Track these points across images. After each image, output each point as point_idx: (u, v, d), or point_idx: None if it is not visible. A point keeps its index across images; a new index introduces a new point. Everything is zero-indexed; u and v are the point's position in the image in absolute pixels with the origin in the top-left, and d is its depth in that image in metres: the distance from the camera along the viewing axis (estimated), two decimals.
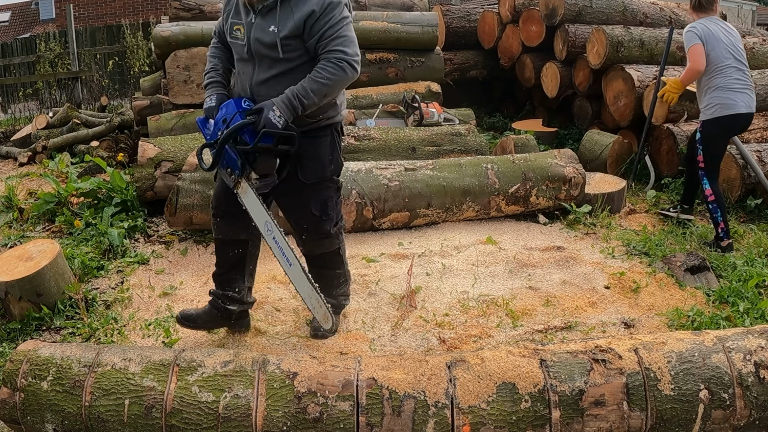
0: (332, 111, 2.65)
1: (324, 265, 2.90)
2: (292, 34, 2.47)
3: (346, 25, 2.48)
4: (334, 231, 2.80)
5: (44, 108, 10.01)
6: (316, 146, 2.64)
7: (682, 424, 2.08)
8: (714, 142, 4.07)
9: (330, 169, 2.70)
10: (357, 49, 2.50)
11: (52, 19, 21.52)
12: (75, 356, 2.18)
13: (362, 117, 5.62)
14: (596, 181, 4.85)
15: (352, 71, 2.48)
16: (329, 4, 2.44)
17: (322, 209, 2.72)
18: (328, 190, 2.73)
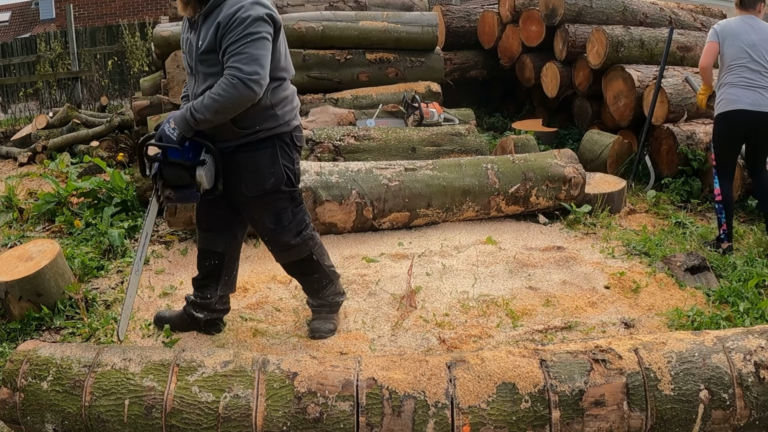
0: (271, 122, 2.56)
1: (299, 272, 2.88)
2: (208, 49, 2.45)
3: (251, 42, 2.36)
4: (296, 242, 2.74)
5: (44, 108, 10.01)
6: (255, 159, 2.58)
7: (682, 424, 2.08)
8: (722, 140, 4.05)
9: (270, 182, 2.60)
10: (258, 68, 2.37)
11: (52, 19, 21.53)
12: (75, 356, 2.18)
13: (362, 117, 5.62)
14: (596, 181, 4.85)
15: (247, 90, 2.36)
16: (234, 20, 2.37)
17: (276, 222, 2.67)
18: (278, 202, 2.66)
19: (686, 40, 6.48)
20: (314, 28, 5.97)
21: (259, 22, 2.38)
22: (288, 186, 2.67)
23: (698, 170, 5.22)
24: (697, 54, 6.52)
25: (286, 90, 2.63)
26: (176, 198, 2.57)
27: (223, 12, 2.40)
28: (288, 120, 2.62)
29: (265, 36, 2.40)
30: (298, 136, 2.70)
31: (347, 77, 6.09)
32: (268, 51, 2.42)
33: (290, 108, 2.64)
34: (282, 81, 2.58)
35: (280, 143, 2.61)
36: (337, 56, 6.07)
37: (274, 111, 2.55)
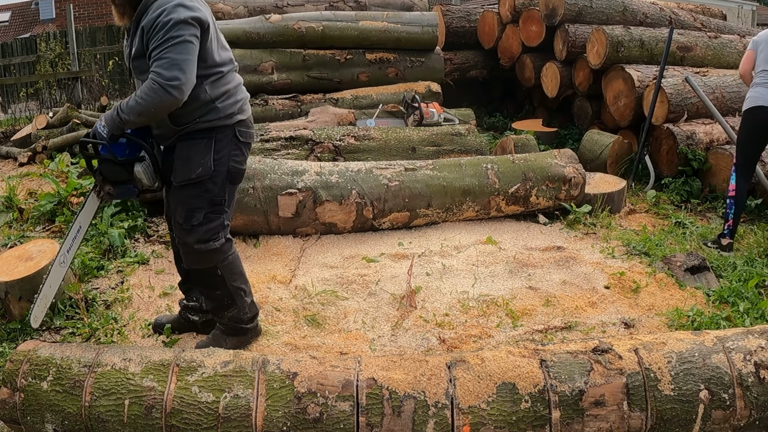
0: (211, 114, 2.52)
1: (200, 282, 2.76)
2: (136, 54, 2.45)
3: (173, 46, 2.32)
4: (199, 248, 2.60)
5: (44, 108, 10.00)
6: (188, 148, 2.55)
7: (682, 424, 2.08)
8: (744, 136, 4.08)
9: (197, 172, 2.53)
10: (179, 73, 2.32)
11: (52, 19, 21.53)
12: (75, 356, 2.18)
13: (362, 117, 5.62)
14: (596, 181, 4.85)
15: (167, 95, 2.32)
16: (156, 24, 2.34)
17: (186, 218, 2.58)
18: (196, 199, 2.57)
19: (686, 40, 6.49)
20: (314, 28, 5.97)
21: (181, 25, 2.33)
22: (215, 184, 2.57)
23: (698, 170, 5.23)
24: (697, 54, 6.53)
25: (228, 83, 2.57)
26: (116, 193, 2.60)
27: (147, 16, 2.38)
28: (230, 113, 2.56)
29: (188, 39, 2.35)
30: (242, 132, 2.62)
31: (347, 77, 6.10)
32: (192, 54, 2.37)
33: (233, 101, 2.58)
34: (220, 75, 2.53)
35: (219, 136, 2.55)
36: (337, 56, 6.07)
37: (214, 104, 2.52)
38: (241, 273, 2.77)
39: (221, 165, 2.57)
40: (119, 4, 2.48)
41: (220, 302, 2.75)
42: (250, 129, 2.68)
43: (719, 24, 7.74)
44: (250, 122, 2.68)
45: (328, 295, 3.37)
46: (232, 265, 2.72)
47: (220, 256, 2.66)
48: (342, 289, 3.44)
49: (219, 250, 2.64)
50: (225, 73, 2.56)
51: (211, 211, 2.60)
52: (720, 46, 6.68)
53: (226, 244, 2.68)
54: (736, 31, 7.59)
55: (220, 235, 2.65)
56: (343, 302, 3.31)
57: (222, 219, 2.64)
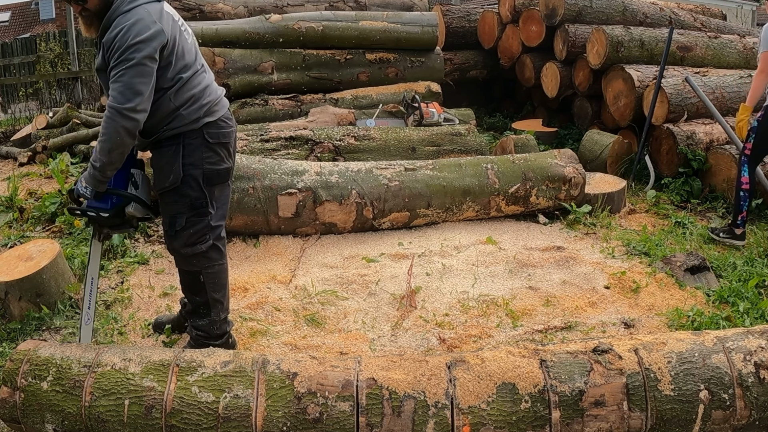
0: (176, 122, 2.50)
1: (185, 284, 2.76)
2: (99, 68, 2.43)
3: (127, 69, 2.28)
4: (185, 252, 2.61)
5: (44, 108, 10.00)
6: (159, 156, 2.56)
7: (682, 424, 2.08)
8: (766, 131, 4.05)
9: (170, 179, 2.52)
10: (134, 96, 2.30)
11: (52, 19, 21.54)
12: (75, 356, 2.18)
13: (362, 117, 5.62)
14: (596, 181, 4.85)
15: (125, 121, 2.30)
16: (114, 44, 2.30)
17: (170, 224, 2.60)
18: (176, 205, 2.57)
19: (686, 40, 6.49)
20: (314, 28, 5.97)
21: (136, 46, 2.29)
22: (191, 188, 2.55)
23: (698, 170, 5.23)
24: (697, 54, 6.53)
25: (193, 89, 2.53)
26: (115, 233, 2.65)
27: (108, 34, 2.35)
28: (196, 118, 2.52)
29: (142, 62, 2.30)
30: (212, 133, 2.57)
31: (347, 77, 6.10)
32: (146, 76, 2.33)
33: (198, 106, 2.53)
34: (183, 82, 2.49)
35: (187, 141, 2.53)
36: (337, 56, 6.07)
37: (179, 112, 2.50)
38: (224, 286, 2.74)
39: (194, 169, 2.54)
40: (86, 16, 2.45)
41: (196, 308, 2.74)
42: (223, 129, 2.62)
43: (719, 24, 7.74)
44: (222, 121, 2.62)
45: (328, 295, 3.37)
46: (217, 275, 2.70)
47: (205, 262, 2.64)
48: (342, 289, 3.44)
49: (205, 254, 2.63)
50: (187, 79, 2.52)
51: (193, 214, 2.58)
52: (720, 46, 6.68)
53: (213, 251, 2.65)
54: (736, 31, 7.59)
55: (207, 237, 2.62)
56: (343, 302, 3.31)
57: (206, 221, 2.61)
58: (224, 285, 2.75)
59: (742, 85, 5.73)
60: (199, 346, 2.71)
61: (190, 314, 2.78)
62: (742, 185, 4.12)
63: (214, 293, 2.70)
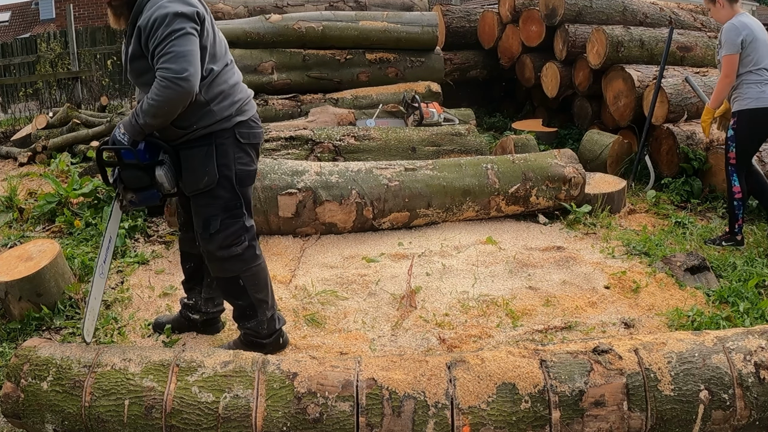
0: (207, 119, 2.45)
1: (224, 290, 2.74)
2: (134, 55, 2.40)
3: (176, 39, 2.28)
4: (221, 254, 2.57)
5: (44, 108, 10.00)
6: (191, 158, 2.50)
7: (682, 424, 2.08)
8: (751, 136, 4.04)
9: (204, 181, 2.49)
10: (186, 65, 2.28)
11: (52, 19, 21.54)
12: (75, 356, 2.18)
13: (362, 117, 5.62)
14: (596, 181, 4.85)
15: (179, 88, 2.28)
16: (154, 21, 2.29)
17: (204, 227, 2.56)
18: (209, 207, 2.53)
19: (686, 40, 6.49)
20: (314, 28, 5.97)
21: (180, 18, 2.29)
22: (225, 189, 2.52)
23: (698, 170, 5.23)
24: (697, 54, 6.53)
25: (223, 83, 2.50)
26: (138, 201, 2.54)
27: (143, 15, 2.34)
28: (227, 116, 2.49)
29: (189, 31, 2.31)
30: (244, 133, 2.54)
31: (347, 77, 6.10)
32: (195, 46, 2.33)
33: (229, 102, 2.50)
34: (214, 75, 2.47)
35: (219, 141, 2.49)
36: (337, 56, 6.07)
37: (209, 107, 2.45)
38: (266, 285, 2.70)
39: (227, 170, 2.51)
40: (116, 5, 2.44)
41: (242, 312, 2.71)
42: (254, 129, 2.60)
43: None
44: (252, 122, 2.59)
45: (328, 295, 3.37)
46: (256, 276, 2.65)
47: (242, 265, 2.60)
48: (342, 289, 3.44)
49: (241, 257, 2.59)
50: (218, 73, 2.49)
51: (228, 216, 2.55)
52: None
53: (249, 252, 2.61)
54: None
55: (243, 238, 2.59)
56: (343, 302, 3.31)
57: (241, 222, 2.58)
58: (266, 284, 2.71)
59: None
60: (249, 344, 2.70)
61: (237, 319, 2.75)
62: (735, 195, 4.08)
63: (257, 294, 2.67)
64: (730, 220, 4.13)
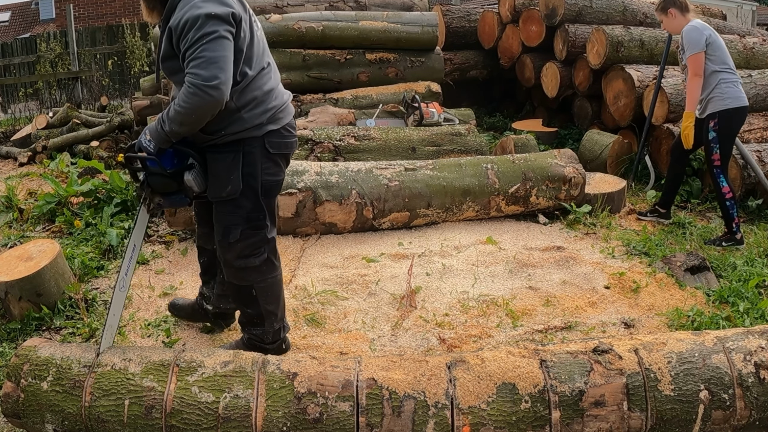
0: (236, 125, 2.36)
1: (236, 297, 2.69)
2: (165, 55, 2.32)
3: (208, 43, 2.16)
4: (237, 264, 2.51)
5: (44, 108, 10.00)
6: (217, 163, 2.41)
7: (682, 424, 2.08)
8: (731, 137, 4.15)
9: (227, 190, 2.40)
10: (217, 71, 2.16)
11: (52, 19, 21.54)
12: (75, 356, 2.18)
13: (362, 117, 5.62)
14: (596, 181, 4.85)
15: (207, 97, 2.16)
16: (185, 22, 2.18)
17: (223, 234, 2.49)
18: (231, 216, 2.46)
19: None
20: (314, 28, 5.97)
21: (213, 20, 2.17)
22: (248, 199, 2.44)
23: (698, 170, 5.22)
24: None
25: (257, 89, 2.39)
26: (166, 204, 2.50)
27: (175, 14, 2.24)
28: (258, 124, 2.39)
29: (223, 35, 2.19)
30: (274, 143, 2.44)
31: (347, 77, 6.10)
32: (228, 50, 2.21)
33: (262, 110, 2.40)
34: (248, 81, 2.36)
35: (247, 149, 2.40)
36: (337, 56, 6.08)
37: (240, 114, 2.35)
38: (277, 298, 2.65)
39: (253, 180, 2.42)
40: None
41: (250, 319, 2.67)
42: (286, 138, 2.49)
43: (719, 24, 7.74)
44: (286, 130, 2.49)
45: (328, 295, 3.37)
46: (269, 289, 2.60)
47: (257, 276, 2.55)
48: (342, 289, 3.44)
49: (258, 269, 2.54)
50: (252, 78, 2.38)
51: (249, 227, 2.48)
52: None
53: (267, 265, 2.56)
54: (736, 31, 7.59)
55: (262, 250, 2.53)
56: (343, 302, 3.31)
57: (262, 234, 2.51)
58: (278, 296, 2.66)
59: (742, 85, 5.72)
60: (252, 347, 2.67)
61: (243, 323, 2.72)
62: (725, 196, 4.10)
63: (267, 305, 2.61)
64: (726, 221, 4.15)
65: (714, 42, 4.06)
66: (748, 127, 5.57)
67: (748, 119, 5.58)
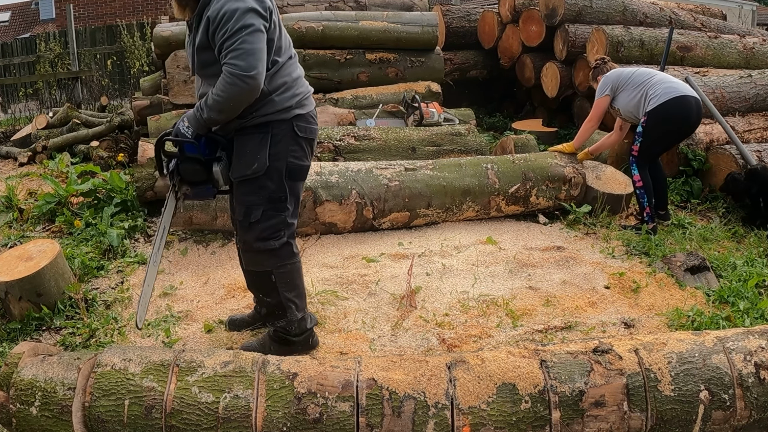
0: (267, 107, 2.46)
1: (254, 285, 2.72)
2: (201, 46, 2.40)
3: (246, 35, 2.28)
4: (257, 246, 2.55)
5: (44, 108, 10.00)
6: (244, 143, 2.50)
7: (683, 425, 2.08)
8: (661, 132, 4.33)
9: (252, 168, 2.47)
10: (256, 62, 2.29)
11: (52, 19, 21.54)
12: (58, 378, 2.12)
13: (362, 117, 5.62)
14: (607, 176, 4.74)
15: (245, 86, 2.29)
16: (224, 14, 2.28)
17: (245, 214, 2.53)
18: (253, 195, 2.51)
19: (686, 40, 6.49)
20: (314, 28, 5.97)
21: (250, 13, 2.29)
22: (272, 180, 2.50)
23: (698, 170, 5.22)
24: (697, 54, 6.52)
25: (287, 75, 2.51)
26: (193, 194, 2.55)
27: (212, 7, 2.34)
28: (287, 106, 2.49)
29: (259, 28, 2.31)
30: (301, 126, 2.54)
31: (347, 77, 6.10)
32: (263, 43, 2.33)
33: (291, 94, 2.51)
34: (278, 67, 2.47)
35: (275, 131, 2.49)
36: (337, 56, 6.07)
37: (271, 97, 2.46)
38: (297, 286, 2.68)
39: (278, 160, 2.50)
40: None
41: (271, 310, 2.69)
42: (311, 125, 2.59)
43: (719, 24, 7.75)
44: (311, 117, 2.59)
45: (328, 295, 3.37)
46: (289, 275, 2.63)
47: (277, 261, 2.58)
48: (342, 289, 3.44)
49: (276, 252, 2.57)
50: (282, 64, 2.49)
51: (270, 207, 2.53)
52: (720, 46, 6.68)
53: (286, 249, 2.59)
54: (736, 31, 7.60)
55: (282, 233, 2.57)
56: (343, 302, 3.31)
57: (283, 216, 2.56)
58: (297, 284, 2.69)
59: (742, 85, 5.73)
60: (279, 341, 2.71)
61: (266, 316, 2.75)
62: (635, 183, 4.30)
63: (287, 293, 2.64)
64: (639, 208, 4.34)
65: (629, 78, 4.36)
66: (748, 127, 5.57)
67: (749, 119, 5.59)
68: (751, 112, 5.67)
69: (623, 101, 4.36)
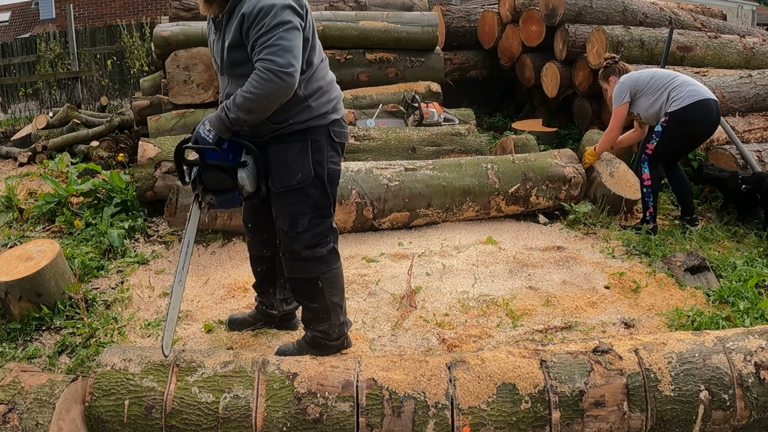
0: (305, 114, 2.40)
1: (300, 293, 2.66)
2: (234, 44, 2.32)
3: (284, 32, 2.22)
4: (306, 254, 2.50)
5: (44, 108, 10.00)
6: (283, 153, 2.43)
7: (683, 425, 2.08)
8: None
9: (297, 178, 2.42)
10: (292, 59, 2.22)
11: (52, 19, 21.54)
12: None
13: (362, 117, 5.62)
14: (620, 174, 4.70)
15: (281, 83, 2.21)
16: (261, 9, 2.22)
17: (291, 224, 2.48)
18: (298, 205, 2.46)
19: (686, 40, 6.49)
20: None
21: (287, 10, 2.23)
22: (316, 188, 2.46)
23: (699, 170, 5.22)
24: (697, 54, 6.52)
25: (321, 79, 2.46)
26: (218, 203, 2.46)
27: (246, 3, 2.27)
28: (324, 112, 2.44)
29: (296, 25, 2.25)
30: (336, 132, 2.50)
31: (347, 77, 6.09)
32: (300, 41, 2.27)
33: (327, 99, 2.46)
34: (313, 70, 2.42)
35: (314, 137, 2.44)
36: (337, 56, 6.07)
37: (307, 102, 2.40)
38: (342, 289, 2.65)
39: (320, 168, 2.45)
40: None
41: (315, 314, 2.63)
42: (344, 129, 2.56)
43: (719, 24, 7.74)
44: (343, 121, 2.56)
45: None
46: (335, 279, 2.60)
47: (323, 267, 2.55)
48: None
49: (324, 259, 2.54)
50: (317, 67, 2.44)
51: (316, 215, 2.49)
52: (720, 46, 6.68)
53: (332, 255, 2.57)
54: (736, 31, 7.59)
55: (329, 239, 2.54)
56: None
57: (328, 222, 2.53)
58: (342, 288, 2.66)
59: (742, 85, 5.73)
60: (316, 346, 2.66)
61: (307, 322, 2.69)
62: (644, 182, 4.28)
63: (333, 297, 2.61)
64: (643, 207, 4.31)
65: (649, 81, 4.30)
66: (748, 127, 5.56)
67: (749, 119, 5.58)
68: (751, 112, 5.67)
69: (643, 106, 4.28)
